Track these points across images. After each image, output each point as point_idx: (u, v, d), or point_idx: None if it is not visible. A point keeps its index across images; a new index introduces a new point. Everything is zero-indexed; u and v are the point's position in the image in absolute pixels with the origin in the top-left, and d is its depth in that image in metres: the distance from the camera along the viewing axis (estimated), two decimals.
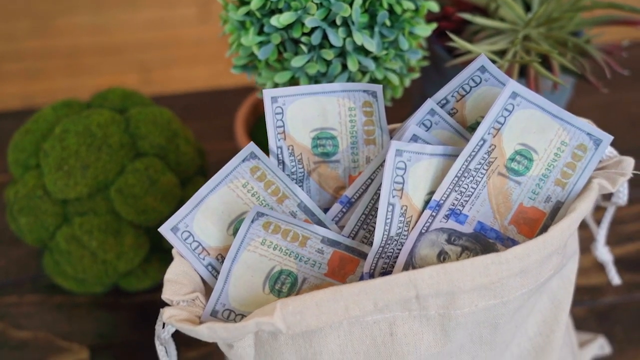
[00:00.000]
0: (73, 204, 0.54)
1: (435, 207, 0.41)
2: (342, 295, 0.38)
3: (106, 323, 0.62)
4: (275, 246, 0.42)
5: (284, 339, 0.40)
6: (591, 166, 0.42)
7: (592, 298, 0.65)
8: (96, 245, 0.54)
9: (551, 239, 0.39)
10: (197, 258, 0.43)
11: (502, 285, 0.39)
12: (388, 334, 0.40)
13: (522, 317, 0.43)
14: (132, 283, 0.59)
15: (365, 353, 0.40)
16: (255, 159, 0.44)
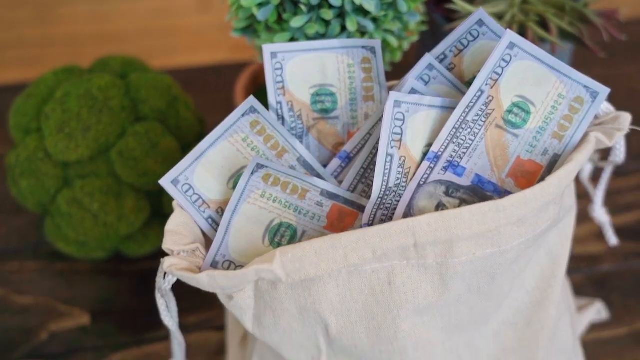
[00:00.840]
0: (74, 166, 0.55)
1: (434, 159, 0.42)
2: (340, 242, 0.38)
3: (107, 289, 0.62)
4: (275, 199, 0.43)
5: (283, 288, 0.41)
6: (588, 119, 0.42)
7: (590, 266, 0.65)
8: (97, 208, 0.54)
9: (548, 188, 0.39)
10: (197, 211, 0.43)
11: (499, 234, 0.39)
12: (386, 283, 0.40)
13: (520, 269, 0.43)
14: (133, 248, 0.59)
15: (364, 302, 0.41)
16: (255, 113, 0.44)
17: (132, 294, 0.62)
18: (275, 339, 0.43)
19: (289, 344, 0.43)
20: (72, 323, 0.60)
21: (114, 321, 0.60)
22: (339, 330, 0.41)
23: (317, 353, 0.43)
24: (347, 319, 0.41)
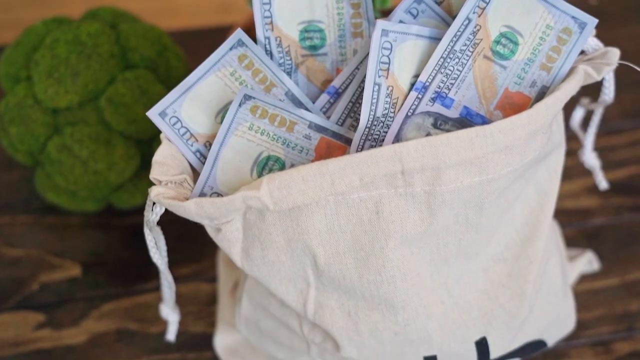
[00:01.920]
0: (64, 113, 0.55)
1: (421, 89, 0.42)
2: (327, 169, 0.38)
3: (98, 242, 0.62)
4: (262, 131, 0.42)
5: (271, 219, 0.41)
6: (576, 50, 0.42)
7: (581, 220, 0.65)
8: (87, 155, 0.54)
9: (536, 114, 0.39)
10: (185, 144, 0.43)
11: (487, 161, 0.39)
12: (374, 212, 0.40)
13: (508, 204, 0.43)
14: (124, 198, 0.59)
15: (352, 232, 0.41)
16: (243, 47, 0.44)
17: (123, 247, 0.62)
18: (263, 273, 0.43)
19: (277, 277, 0.43)
20: (63, 274, 0.60)
21: (104, 273, 0.60)
22: (327, 261, 0.41)
23: (306, 286, 0.43)
24: (335, 250, 0.41)
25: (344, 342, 0.44)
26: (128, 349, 0.56)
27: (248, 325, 0.50)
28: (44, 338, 0.56)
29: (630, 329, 0.58)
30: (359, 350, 0.44)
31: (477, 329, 0.45)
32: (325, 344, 0.45)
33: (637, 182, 0.68)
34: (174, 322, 0.52)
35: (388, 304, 0.42)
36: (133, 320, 0.57)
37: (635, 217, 0.65)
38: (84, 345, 0.56)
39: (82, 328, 0.57)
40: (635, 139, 0.72)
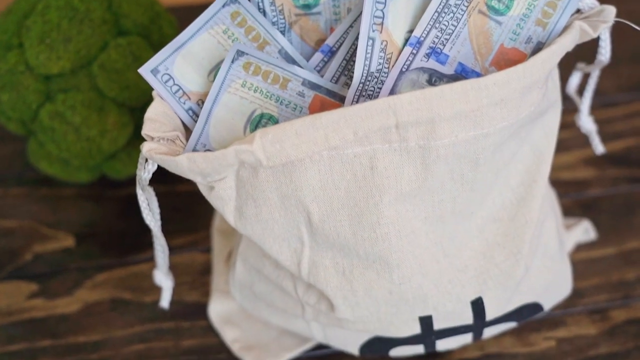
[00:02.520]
0: (56, 80, 0.54)
1: (416, 44, 0.41)
2: (321, 122, 0.38)
3: (91, 213, 0.62)
4: (255, 88, 0.42)
5: (264, 175, 0.40)
6: (572, 5, 0.42)
7: (578, 190, 0.65)
8: (79, 121, 0.54)
9: (532, 67, 0.39)
10: (177, 102, 0.43)
11: (482, 115, 0.39)
12: (368, 168, 0.40)
13: (504, 161, 0.43)
14: (117, 168, 0.59)
15: (346, 188, 0.40)
16: (235, 4, 0.43)
17: (116, 218, 0.62)
18: (257, 231, 0.43)
19: (271, 236, 0.43)
20: (56, 245, 0.60)
21: (98, 243, 0.60)
22: (321, 218, 0.41)
23: (300, 245, 0.43)
24: (329, 206, 0.41)
25: (339, 302, 0.44)
26: (122, 318, 0.55)
27: (242, 290, 0.50)
28: (37, 307, 0.56)
29: (627, 297, 0.57)
30: (353, 310, 0.44)
31: (473, 288, 0.44)
32: (320, 305, 0.45)
33: (633, 154, 0.68)
34: (168, 288, 0.51)
35: (383, 262, 0.42)
36: (127, 290, 0.57)
37: (631, 188, 0.65)
38: (78, 314, 0.55)
39: (76, 297, 0.56)
40: (632, 111, 0.71)
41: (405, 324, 0.45)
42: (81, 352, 0.53)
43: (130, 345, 0.54)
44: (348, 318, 0.44)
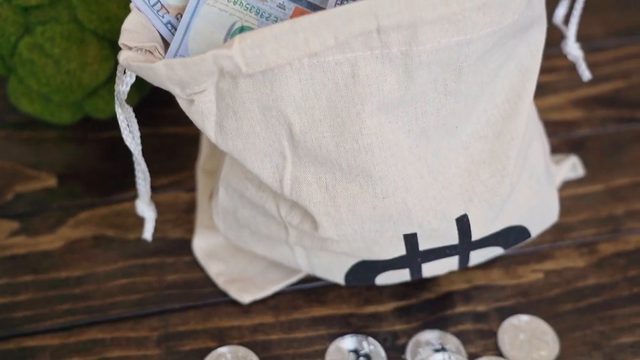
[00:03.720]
0: (34, 12, 0.53)
1: None
2: (301, 25, 0.37)
3: (74, 155, 0.61)
4: (235, 0, 0.41)
5: (244, 86, 0.39)
6: None
7: (567, 131, 0.64)
8: (59, 53, 0.53)
9: None
10: (155, 15, 0.42)
11: (464, 19, 0.38)
12: (350, 75, 0.39)
13: (488, 74, 0.42)
14: (99, 106, 0.58)
15: (328, 98, 0.40)
16: None
17: (100, 159, 0.61)
18: (238, 147, 0.42)
19: (252, 151, 0.42)
20: (38, 185, 0.59)
21: (81, 183, 0.59)
22: (302, 129, 0.40)
23: (282, 161, 0.42)
24: (310, 117, 0.40)
25: (322, 219, 0.43)
26: (105, 254, 0.55)
27: (225, 218, 0.49)
28: (19, 244, 0.55)
29: (615, 231, 0.57)
30: (337, 227, 0.43)
31: (458, 205, 0.44)
32: (303, 225, 0.44)
33: (621, 96, 0.67)
34: (150, 220, 0.51)
35: (366, 175, 0.41)
36: (110, 227, 0.56)
37: (619, 127, 0.65)
38: (60, 250, 0.55)
39: (58, 235, 0.56)
40: (620, 55, 0.71)
41: (390, 243, 0.44)
42: (64, 287, 0.53)
43: (113, 280, 0.53)
44: (332, 237, 0.44)
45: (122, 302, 0.52)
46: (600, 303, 0.53)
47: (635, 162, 0.62)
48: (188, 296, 0.52)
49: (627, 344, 0.51)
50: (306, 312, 0.52)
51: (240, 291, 0.52)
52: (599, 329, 0.51)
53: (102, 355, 0.49)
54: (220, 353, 0.49)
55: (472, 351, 0.50)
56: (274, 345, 0.50)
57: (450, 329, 0.51)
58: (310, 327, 0.51)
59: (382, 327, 0.51)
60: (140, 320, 0.51)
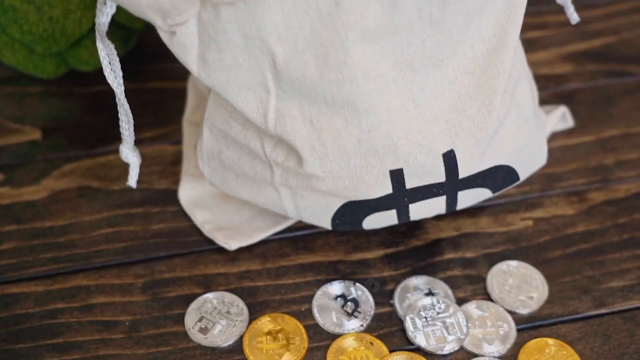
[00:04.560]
0: None
1: None
2: None
3: (59, 109, 0.60)
4: None
5: (226, 15, 0.39)
6: None
7: (557, 84, 0.64)
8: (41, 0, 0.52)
9: None
10: None
11: None
12: (333, 3, 0.38)
13: (474, 5, 0.41)
14: (83, 57, 0.57)
15: (311, 26, 0.39)
16: None
17: (85, 113, 0.60)
18: (221, 80, 0.41)
19: (235, 84, 0.41)
20: (22, 138, 0.58)
21: (66, 136, 0.58)
22: (286, 60, 0.40)
23: (266, 94, 0.42)
24: (293, 47, 0.39)
25: (306, 153, 0.42)
26: (89, 205, 0.54)
27: (210, 162, 0.48)
28: (2, 195, 0.54)
29: (605, 181, 0.57)
30: (322, 163, 0.43)
31: (444, 141, 0.43)
32: (288, 162, 0.44)
33: (611, 50, 0.67)
34: (135, 165, 0.50)
35: (351, 107, 0.41)
36: (95, 179, 0.56)
37: (609, 81, 0.64)
38: (44, 201, 0.54)
39: (42, 186, 0.55)
40: (610, 11, 0.70)
41: (376, 180, 0.43)
42: (48, 236, 0.52)
43: (98, 229, 0.53)
44: (317, 173, 0.43)
45: (107, 250, 0.51)
46: (589, 249, 0.52)
47: (625, 115, 0.61)
48: (174, 244, 0.52)
49: (617, 288, 0.50)
50: (293, 259, 0.51)
51: (226, 238, 0.51)
52: (589, 274, 0.51)
53: (87, 302, 0.49)
54: (206, 299, 0.49)
55: (460, 296, 0.50)
56: (261, 291, 0.50)
57: (439, 275, 0.51)
58: (297, 274, 0.51)
59: (370, 273, 0.51)
60: (126, 267, 0.51)
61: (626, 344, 0.47)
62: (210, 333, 0.47)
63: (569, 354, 0.47)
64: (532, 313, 0.49)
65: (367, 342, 0.47)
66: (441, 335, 0.47)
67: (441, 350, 0.46)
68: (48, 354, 0.46)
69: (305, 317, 0.48)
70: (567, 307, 0.49)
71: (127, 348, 0.47)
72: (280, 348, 0.46)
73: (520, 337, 0.48)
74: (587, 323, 0.49)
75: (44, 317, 0.48)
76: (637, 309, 0.49)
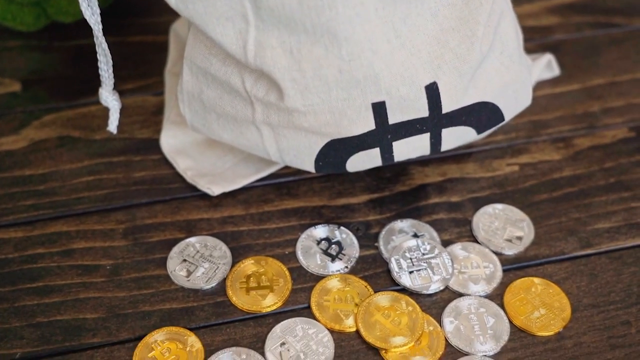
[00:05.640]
0: None
1: None
2: None
3: (39, 62, 0.59)
4: None
5: None
6: None
7: (543, 36, 0.63)
8: None
9: None
10: None
11: None
12: None
13: None
14: (62, 6, 0.56)
15: None
16: None
17: (65, 66, 0.59)
18: (199, 10, 0.41)
19: (214, 15, 0.41)
20: (1, 90, 0.57)
21: (46, 89, 0.58)
22: None
23: (245, 25, 0.41)
24: None
25: (287, 86, 0.42)
26: (70, 153, 0.53)
27: (191, 103, 0.48)
28: None
29: (591, 127, 0.56)
30: (303, 95, 0.42)
31: (427, 73, 0.42)
32: (269, 96, 0.43)
33: (597, 2, 0.66)
34: (115, 109, 0.49)
35: (331, 36, 0.40)
36: (76, 129, 0.55)
37: (595, 32, 0.64)
38: (24, 150, 0.53)
39: (22, 135, 0.54)
40: None
41: (359, 114, 0.43)
42: (27, 184, 0.51)
43: (78, 177, 0.52)
44: (298, 107, 0.43)
45: (88, 197, 0.51)
46: (576, 192, 0.52)
47: (611, 64, 0.61)
48: (155, 191, 0.51)
49: (603, 229, 0.50)
50: (277, 205, 0.51)
51: (209, 184, 0.50)
52: (575, 216, 0.51)
53: (68, 247, 0.48)
54: (189, 243, 0.48)
55: (446, 238, 0.49)
56: (244, 235, 0.49)
57: (424, 219, 0.50)
58: (281, 219, 0.50)
59: (355, 217, 0.50)
60: (107, 214, 0.50)
61: (613, 283, 0.47)
62: (193, 275, 0.46)
63: (556, 292, 0.46)
64: (518, 254, 0.48)
65: (351, 283, 0.46)
66: (426, 275, 0.47)
67: (426, 290, 0.46)
68: (27, 297, 0.45)
69: (289, 260, 0.48)
70: (553, 248, 0.49)
71: (108, 291, 0.46)
72: (264, 289, 0.46)
73: (506, 277, 0.47)
74: (573, 263, 0.48)
75: (23, 262, 0.47)
76: (624, 249, 0.49)
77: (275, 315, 0.45)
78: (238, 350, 0.43)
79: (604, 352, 0.44)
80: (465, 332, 0.44)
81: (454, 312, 0.45)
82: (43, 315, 0.45)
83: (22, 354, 0.43)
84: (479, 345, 0.44)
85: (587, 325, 0.45)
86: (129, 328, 0.44)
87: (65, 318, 0.45)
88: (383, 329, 0.44)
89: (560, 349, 0.44)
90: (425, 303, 0.46)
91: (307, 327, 0.44)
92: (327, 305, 0.45)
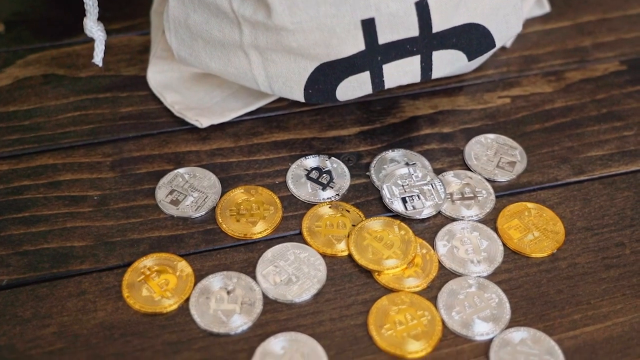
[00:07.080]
0: None
1: None
2: None
3: (22, 3, 0.59)
4: None
5: None
6: None
7: None
8: None
9: None
10: None
11: None
12: None
13: None
14: None
15: None
16: None
17: (49, 7, 0.58)
18: None
19: None
20: None
21: (30, 29, 0.57)
22: None
23: None
24: None
25: (275, 2, 0.41)
26: (55, 90, 0.52)
27: (177, 31, 0.47)
28: None
29: (582, 61, 0.56)
30: (291, 12, 0.41)
31: None
32: (257, 15, 0.42)
33: None
34: (100, 40, 0.48)
35: None
36: (61, 67, 0.54)
37: None
38: (8, 87, 0.52)
39: (6, 74, 0.53)
40: None
41: (348, 32, 0.42)
42: (12, 120, 0.50)
43: (64, 113, 0.51)
44: (286, 25, 0.42)
45: (74, 131, 0.50)
46: (568, 122, 0.52)
47: (602, 1, 0.60)
48: (143, 125, 0.50)
49: (596, 157, 0.49)
50: (267, 137, 0.50)
51: (197, 116, 0.50)
52: (568, 145, 0.50)
53: (54, 179, 0.47)
54: (177, 173, 0.47)
55: (438, 167, 0.49)
56: (234, 166, 0.48)
57: (416, 149, 0.50)
58: (271, 151, 0.49)
59: (346, 149, 0.50)
60: (93, 147, 0.49)
61: (606, 207, 0.47)
62: (182, 204, 0.46)
63: (549, 216, 0.46)
64: (510, 181, 0.48)
65: (343, 210, 0.46)
66: (419, 201, 0.46)
67: (419, 215, 0.45)
68: (14, 227, 0.45)
69: (279, 189, 0.47)
70: (546, 175, 0.48)
71: (96, 220, 0.45)
72: (254, 217, 0.45)
73: (499, 202, 0.47)
74: (566, 189, 0.48)
75: (8, 194, 0.46)
76: (617, 175, 0.49)
77: (266, 241, 0.45)
78: (229, 274, 0.43)
79: (598, 272, 0.43)
80: (458, 254, 0.44)
81: (447, 235, 0.45)
82: (30, 244, 0.44)
83: (9, 280, 0.42)
84: (473, 267, 0.43)
85: (582, 247, 0.45)
86: (118, 255, 0.44)
87: (52, 246, 0.44)
88: (375, 251, 0.43)
89: (555, 270, 0.44)
90: (418, 228, 0.45)
91: (298, 251, 0.44)
92: (319, 231, 0.45)
